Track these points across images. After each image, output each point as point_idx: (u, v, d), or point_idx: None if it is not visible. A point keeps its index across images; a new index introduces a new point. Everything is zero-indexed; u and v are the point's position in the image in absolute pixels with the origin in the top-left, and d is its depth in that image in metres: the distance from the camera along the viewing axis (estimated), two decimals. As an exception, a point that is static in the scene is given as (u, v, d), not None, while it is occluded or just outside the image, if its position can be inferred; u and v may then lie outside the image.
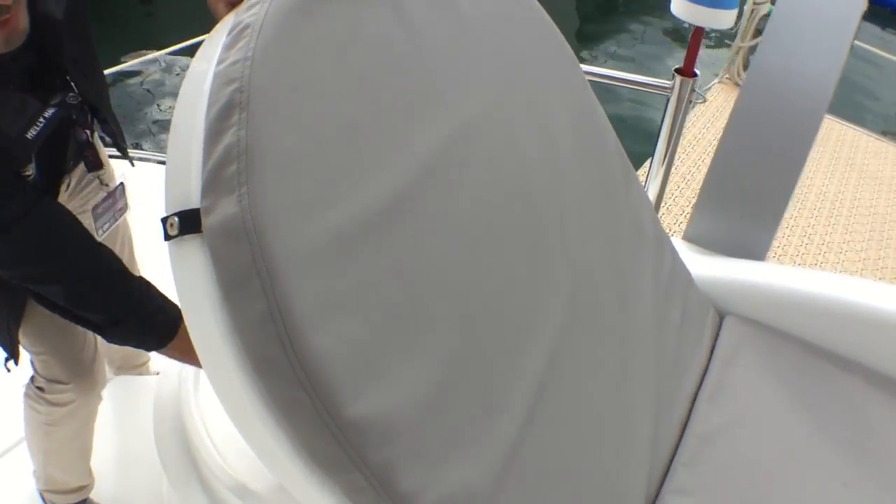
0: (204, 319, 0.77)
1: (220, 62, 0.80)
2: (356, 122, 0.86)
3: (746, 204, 1.73)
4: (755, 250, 1.78)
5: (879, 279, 3.33)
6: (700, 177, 2.91)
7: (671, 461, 1.25)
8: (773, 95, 1.61)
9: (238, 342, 0.75)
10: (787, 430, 1.33)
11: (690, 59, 1.63)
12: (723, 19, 1.54)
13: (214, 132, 0.77)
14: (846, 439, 1.33)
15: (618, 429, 1.15)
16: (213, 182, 0.76)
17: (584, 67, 1.48)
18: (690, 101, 1.68)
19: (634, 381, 1.22)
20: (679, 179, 3.62)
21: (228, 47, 0.81)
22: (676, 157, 1.95)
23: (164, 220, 0.79)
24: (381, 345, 0.81)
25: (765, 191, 1.70)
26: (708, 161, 2.00)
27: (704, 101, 1.65)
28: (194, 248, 0.77)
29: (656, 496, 1.20)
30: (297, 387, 0.73)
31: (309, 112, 0.81)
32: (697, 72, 1.67)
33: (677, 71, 1.68)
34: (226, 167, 0.75)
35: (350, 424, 0.75)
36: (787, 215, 1.87)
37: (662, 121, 1.76)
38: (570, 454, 1.04)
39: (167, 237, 0.79)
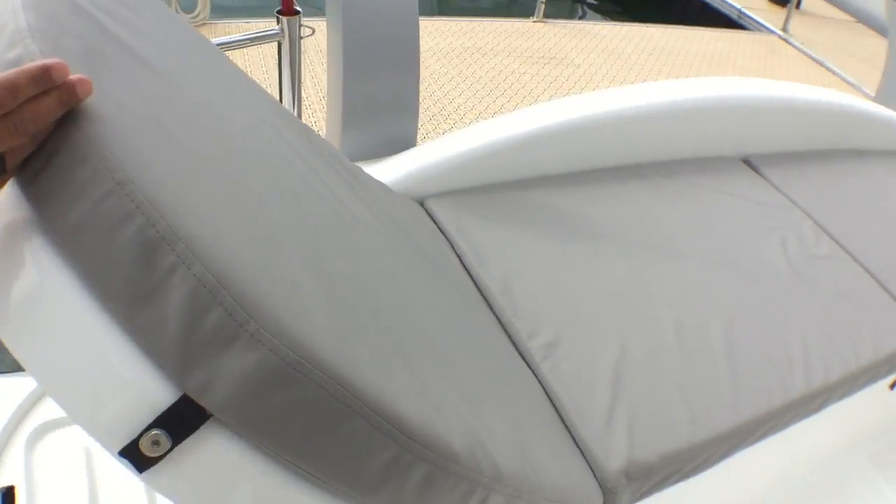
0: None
1: None
2: (217, 174, 0.74)
3: (386, 105, 1.85)
4: (407, 140, 1.93)
5: (454, 126, 3.82)
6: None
7: (502, 323, 1.41)
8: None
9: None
10: (543, 251, 1.57)
11: (288, -3, 1.64)
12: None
13: (144, 294, 0.57)
14: (568, 231, 1.65)
15: (473, 330, 1.27)
16: (194, 349, 0.57)
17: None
18: (301, 38, 1.70)
19: (441, 288, 1.32)
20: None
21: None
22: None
23: (129, 450, 0.57)
24: (417, 366, 0.80)
25: (396, 87, 1.83)
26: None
27: (313, 32, 1.67)
28: (214, 441, 0.60)
29: (523, 356, 1.35)
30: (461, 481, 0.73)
31: (199, 191, 0.66)
32: (298, 8, 1.68)
33: (280, 13, 1.67)
34: (202, 320, 0.57)
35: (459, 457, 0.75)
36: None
37: (280, 67, 1.76)
38: (486, 370, 1.13)
39: (151, 462, 0.58)
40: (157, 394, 0.58)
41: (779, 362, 1.40)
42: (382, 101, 1.82)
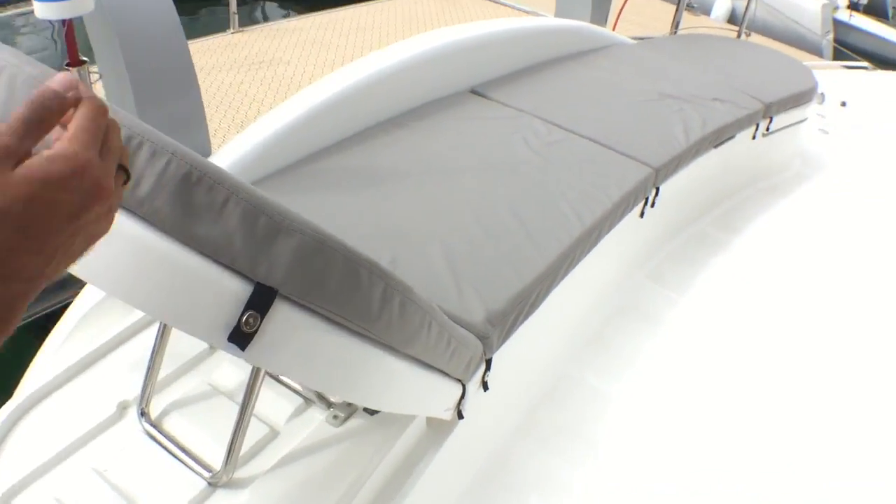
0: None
1: None
2: None
3: (179, 124, 2.07)
4: (203, 150, 2.16)
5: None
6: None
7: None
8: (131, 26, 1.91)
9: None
10: (354, 201, 1.89)
11: (73, 50, 1.79)
12: (87, 4, 1.73)
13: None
14: (366, 181, 1.99)
15: None
16: (254, 248, 0.83)
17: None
18: (92, 84, 1.86)
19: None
20: None
21: None
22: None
23: (235, 334, 0.83)
24: None
25: (184, 107, 2.06)
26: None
27: (100, 77, 1.79)
28: (283, 309, 0.88)
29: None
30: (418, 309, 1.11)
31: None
32: (85, 58, 1.84)
33: (69, 64, 1.82)
34: (255, 227, 0.84)
35: None
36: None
37: (77, 115, 1.90)
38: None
39: (249, 338, 0.85)
40: (241, 289, 0.85)
41: (556, 218, 1.88)
42: (175, 122, 2.04)
